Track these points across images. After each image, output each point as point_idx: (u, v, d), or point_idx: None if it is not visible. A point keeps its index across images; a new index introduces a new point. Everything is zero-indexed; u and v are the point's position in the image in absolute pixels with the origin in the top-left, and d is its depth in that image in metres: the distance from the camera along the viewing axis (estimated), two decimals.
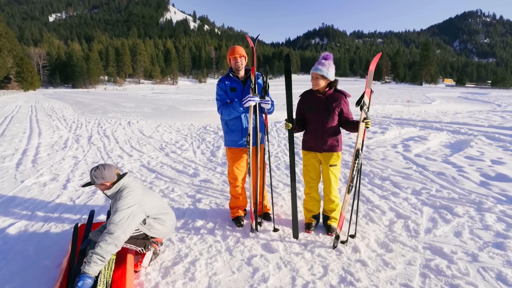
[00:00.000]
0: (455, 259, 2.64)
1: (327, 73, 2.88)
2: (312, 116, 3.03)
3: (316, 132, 3.02)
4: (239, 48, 3.11)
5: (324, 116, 2.98)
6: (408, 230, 3.21)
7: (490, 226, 3.24)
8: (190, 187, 4.62)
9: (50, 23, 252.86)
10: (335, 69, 3.00)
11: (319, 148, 3.04)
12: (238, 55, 3.06)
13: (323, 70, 2.88)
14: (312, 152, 3.10)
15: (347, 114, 3.01)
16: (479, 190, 4.29)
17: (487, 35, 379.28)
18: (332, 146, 3.02)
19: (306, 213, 3.32)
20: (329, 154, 3.04)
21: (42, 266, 2.59)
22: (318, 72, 2.89)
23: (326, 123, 2.98)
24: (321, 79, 2.92)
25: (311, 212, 3.27)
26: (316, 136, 3.02)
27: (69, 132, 10.09)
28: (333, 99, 2.98)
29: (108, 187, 2.39)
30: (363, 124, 2.74)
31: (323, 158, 3.07)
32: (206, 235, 3.12)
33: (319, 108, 2.99)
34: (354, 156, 2.79)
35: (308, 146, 3.12)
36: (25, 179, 4.98)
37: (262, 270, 2.51)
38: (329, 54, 2.97)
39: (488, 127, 10.23)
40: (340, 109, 2.98)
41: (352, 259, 2.68)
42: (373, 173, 5.21)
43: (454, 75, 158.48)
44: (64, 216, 3.61)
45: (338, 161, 3.07)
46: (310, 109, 3.04)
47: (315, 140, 3.04)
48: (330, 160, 3.04)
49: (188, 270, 2.51)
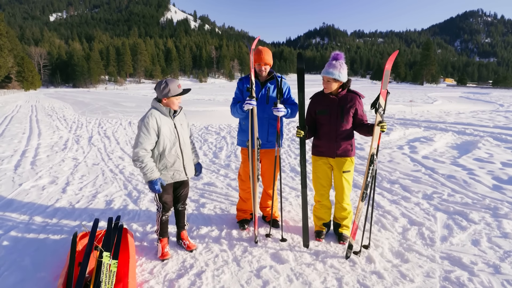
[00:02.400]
0: (476, 271, 2.49)
1: (339, 75, 2.70)
2: (325, 120, 2.85)
3: (328, 136, 2.85)
4: (265, 55, 2.97)
5: (337, 118, 2.81)
6: (423, 238, 3.07)
7: (509, 234, 3.09)
8: (193, 190, 4.48)
9: (51, 22, 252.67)
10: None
11: (332, 153, 2.87)
12: (263, 63, 2.96)
13: (335, 73, 2.70)
14: (324, 157, 2.93)
15: (361, 116, 2.85)
16: (493, 195, 4.14)
17: (488, 34, 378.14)
18: (345, 151, 2.85)
19: (316, 221, 3.16)
20: (342, 160, 2.88)
21: (39, 278, 2.44)
22: (330, 76, 2.71)
23: (340, 126, 2.81)
24: (333, 82, 2.76)
25: (321, 220, 3.11)
26: (329, 141, 2.85)
27: (69, 132, 9.95)
28: (346, 100, 2.81)
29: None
30: (378, 128, 2.58)
31: (336, 164, 2.91)
32: (212, 243, 2.97)
33: (332, 111, 2.81)
34: (369, 161, 2.64)
35: (320, 151, 2.94)
36: (23, 182, 4.84)
37: (273, 283, 2.36)
38: (340, 54, 2.79)
39: (493, 127, 10.08)
40: (354, 110, 2.82)
41: (367, 270, 2.53)
42: (381, 176, 5.06)
43: (455, 75, 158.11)
44: (62, 223, 3.46)
45: (351, 166, 2.91)
46: (322, 112, 2.86)
47: (327, 145, 2.86)
48: (344, 166, 2.88)
49: (194, 283, 2.36)
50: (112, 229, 2.65)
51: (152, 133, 2.54)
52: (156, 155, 2.63)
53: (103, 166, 5.84)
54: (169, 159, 2.66)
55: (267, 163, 3.24)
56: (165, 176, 2.69)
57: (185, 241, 2.93)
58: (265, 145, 3.18)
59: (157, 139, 2.59)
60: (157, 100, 2.65)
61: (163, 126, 2.60)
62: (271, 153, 3.22)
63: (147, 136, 2.52)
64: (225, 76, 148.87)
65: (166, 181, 2.70)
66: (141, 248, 2.91)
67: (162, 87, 2.57)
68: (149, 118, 2.54)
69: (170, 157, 2.66)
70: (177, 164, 2.71)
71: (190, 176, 2.87)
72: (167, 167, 2.66)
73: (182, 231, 2.97)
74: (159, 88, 2.58)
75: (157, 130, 2.57)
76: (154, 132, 2.55)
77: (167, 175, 2.70)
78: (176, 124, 2.72)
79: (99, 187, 4.68)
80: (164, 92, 2.56)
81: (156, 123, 2.56)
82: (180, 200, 2.90)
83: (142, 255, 2.77)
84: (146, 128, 2.52)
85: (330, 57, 2.81)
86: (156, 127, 2.56)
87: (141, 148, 2.51)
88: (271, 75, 3.11)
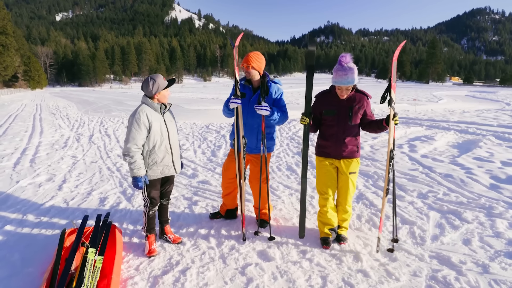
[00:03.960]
0: (464, 270, 2.46)
1: (354, 80, 2.60)
2: (332, 120, 2.78)
3: (336, 137, 2.78)
4: (251, 58, 2.92)
5: (345, 119, 2.75)
6: (413, 237, 3.04)
7: (502, 234, 3.05)
8: (188, 188, 4.49)
9: (57, 22, 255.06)
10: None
11: (338, 155, 2.80)
12: (246, 65, 2.92)
13: (354, 79, 2.59)
14: (330, 158, 2.87)
15: (370, 116, 2.82)
16: (489, 194, 4.09)
17: (495, 32, 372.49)
18: (352, 152, 2.81)
19: (321, 227, 2.97)
20: (349, 161, 2.82)
21: (27, 273, 2.47)
22: (350, 84, 2.60)
23: (347, 127, 2.75)
24: (350, 87, 2.68)
25: (328, 225, 2.93)
26: (336, 142, 2.79)
27: (71, 131, 10.04)
28: (355, 100, 2.74)
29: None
30: (393, 122, 2.58)
31: (342, 165, 2.83)
32: (200, 240, 2.98)
33: (340, 111, 2.75)
34: (388, 157, 2.64)
35: (326, 152, 2.87)
36: (21, 180, 4.89)
37: (257, 280, 2.36)
38: (347, 55, 2.61)
39: (497, 126, 9.93)
40: (363, 111, 2.78)
41: (353, 269, 2.52)
42: (377, 175, 5.02)
43: (461, 73, 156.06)
44: (55, 220, 3.49)
45: (357, 167, 2.88)
46: (329, 112, 2.78)
47: (334, 146, 2.80)
48: (350, 167, 2.82)
49: (178, 280, 2.37)
50: (100, 226, 2.68)
51: (143, 129, 2.58)
52: (146, 150, 2.67)
53: (101, 164, 5.88)
54: (159, 154, 2.70)
55: (256, 167, 3.20)
56: (154, 171, 2.72)
57: (169, 235, 2.98)
58: (253, 150, 3.15)
59: (148, 134, 2.63)
60: (148, 97, 2.68)
61: (153, 122, 2.63)
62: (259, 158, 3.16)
63: (139, 132, 2.56)
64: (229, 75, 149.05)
65: (155, 176, 2.74)
66: (130, 245, 2.93)
67: (151, 84, 2.61)
68: (140, 114, 2.57)
69: (160, 152, 2.70)
70: (166, 160, 2.75)
71: (178, 172, 2.90)
72: (156, 162, 2.70)
73: (166, 225, 3.03)
74: (148, 86, 2.62)
75: (148, 126, 2.61)
76: (145, 127, 2.59)
77: (157, 170, 2.73)
78: (166, 120, 2.77)
79: (95, 184, 4.72)
80: (154, 88, 2.61)
81: (147, 119, 2.60)
82: (165, 195, 2.96)
83: (130, 252, 2.79)
84: (138, 124, 2.55)
85: (339, 61, 2.61)
86: (147, 123, 2.60)
87: (133, 144, 2.55)
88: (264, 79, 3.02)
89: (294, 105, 18.97)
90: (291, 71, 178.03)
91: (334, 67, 2.69)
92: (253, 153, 3.16)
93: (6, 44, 50.95)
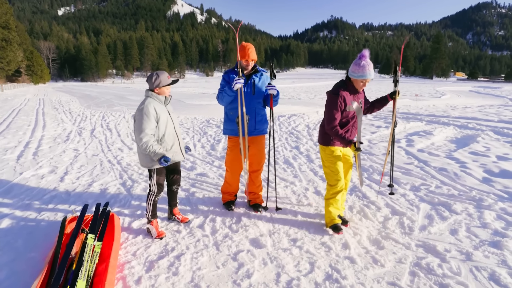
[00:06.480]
0: (447, 258, 2.55)
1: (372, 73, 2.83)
2: (352, 113, 2.93)
3: (354, 128, 3.02)
4: (251, 52, 3.24)
5: (362, 110, 2.98)
6: (402, 227, 3.13)
7: (489, 224, 3.13)
8: (185, 180, 4.60)
9: (59, 16, 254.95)
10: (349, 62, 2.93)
11: (351, 141, 2.89)
12: (250, 59, 3.24)
13: (372, 74, 2.79)
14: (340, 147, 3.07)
15: (368, 102, 3.18)
16: (481, 187, 4.16)
17: (502, 27, 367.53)
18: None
19: (333, 215, 3.06)
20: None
21: (29, 258, 2.60)
22: (371, 77, 2.80)
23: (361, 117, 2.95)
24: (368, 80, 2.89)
25: (338, 211, 3.09)
26: (353, 131, 3.02)
27: (73, 125, 10.18)
28: (363, 92, 3.08)
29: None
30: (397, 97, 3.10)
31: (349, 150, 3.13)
32: (196, 229, 3.10)
33: (362, 104, 3.02)
34: (393, 125, 3.18)
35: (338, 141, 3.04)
36: (24, 171, 5.03)
37: (247, 265, 2.47)
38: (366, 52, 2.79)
39: (497, 122, 9.93)
40: (365, 99, 3.11)
41: (341, 255, 2.62)
42: (372, 168, 5.11)
43: (466, 69, 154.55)
44: (57, 208, 3.63)
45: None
46: (351, 107, 2.89)
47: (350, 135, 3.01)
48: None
49: (173, 264, 2.49)
50: (99, 214, 2.80)
51: (152, 120, 2.78)
52: (156, 139, 2.88)
53: (102, 157, 6.01)
54: (168, 142, 2.94)
55: (255, 149, 3.45)
56: None
57: (178, 215, 3.30)
58: (253, 133, 3.40)
59: (157, 125, 2.85)
60: (150, 90, 2.91)
61: (161, 114, 2.86)
62: (258, 140, 3.47)
63: (148, 122, 2.76)
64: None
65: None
66: (128, 232, 3.05)
67: (154, 79, 2.86)
68: (148, 107, 2.79)
69: (169, 140, 2.94)
70: (175, 146, 3.01)
71: (185, 157, 3.20)
72: (167, 149, 2.93)
73: (175, 208, 3.33)
74: (151, 80, 2.87)
75: (156, 117, 2.82)
76: (154, 118, 2.80)
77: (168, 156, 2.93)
78: (169, 110, 3.02)
79: (96, 176, 4.85)
80: (156, 82, 2.86)
81: (154, 111, 2.81)
82: (175, 182, 3.24)
83: (128, 239, 2.91)
84: (147, 116, 2.76)
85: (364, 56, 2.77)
86: (155, 114, 2.81)
87: (145, 134, 2.75)
88: (255, 68, 3.39)
89: (296, 100, 19.01)
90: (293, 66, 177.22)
91: (356, 61, 2.80)
92: (252, 135, 3.41)
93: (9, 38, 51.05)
